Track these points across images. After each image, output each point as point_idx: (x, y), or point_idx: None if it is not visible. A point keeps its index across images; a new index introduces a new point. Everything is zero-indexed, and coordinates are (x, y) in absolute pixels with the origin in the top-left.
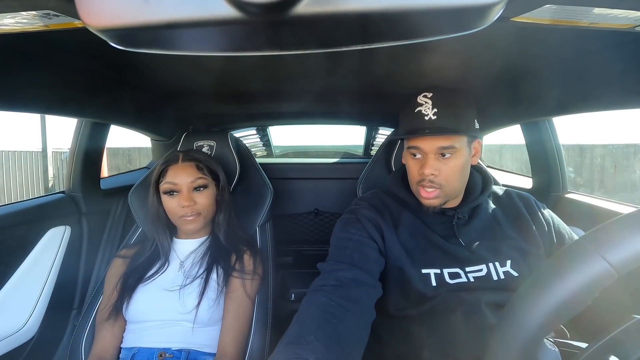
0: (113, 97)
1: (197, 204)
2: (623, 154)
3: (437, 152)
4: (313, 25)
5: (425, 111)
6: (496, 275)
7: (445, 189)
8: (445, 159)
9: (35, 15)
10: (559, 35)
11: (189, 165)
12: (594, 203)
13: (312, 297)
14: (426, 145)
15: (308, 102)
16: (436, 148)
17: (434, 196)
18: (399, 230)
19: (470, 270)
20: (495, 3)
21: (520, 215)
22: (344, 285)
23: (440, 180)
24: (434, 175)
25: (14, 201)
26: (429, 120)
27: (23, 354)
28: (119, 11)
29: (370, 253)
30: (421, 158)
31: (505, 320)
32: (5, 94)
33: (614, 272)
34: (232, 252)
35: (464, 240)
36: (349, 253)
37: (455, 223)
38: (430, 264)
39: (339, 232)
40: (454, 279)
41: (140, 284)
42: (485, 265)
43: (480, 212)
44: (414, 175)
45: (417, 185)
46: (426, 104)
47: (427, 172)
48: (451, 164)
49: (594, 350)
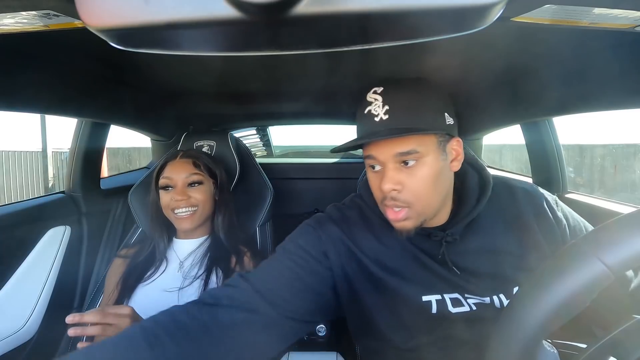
0: (113, 97)
1: (191, 198)
2: (623, 154)
3: (397, 161)
4: (313, 25)
5: (375, 110)
6: (500, 305)
7: (416, 207)
8: (409, 168)
9: (35, 15)
10: (559, 35)
11: (186, 162)
12: (594, 203)
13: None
14: (380, 153)
15: (308, 102)
16: (393, 155)
17: (403, 217)
18: (383, 251)
19: (470, 296)
20: (495, 3)
21: (525, 221)
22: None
23: (405, 196)
24: (396, 190)
25: (14, 201)
26: (380, 121)
27: (23, 354)
28: (119, 11)
29: (307, 280)
30: (380, 170)
31: (504, 323)
32: (5, 94)
33: (611, 273)
34: (232, 253)
35: (459, 266)
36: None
37: (444, 249)
38: (429, 290)
39: (290, 239)
40: (456, 306)
41: (139, 284)
42: (488, 298)
43: (478, 228)
44: (375, 192)
45: (382, 205)
46: (376, 101)
47: (385, 188)
48: (418, 174)
49: (593, 351)
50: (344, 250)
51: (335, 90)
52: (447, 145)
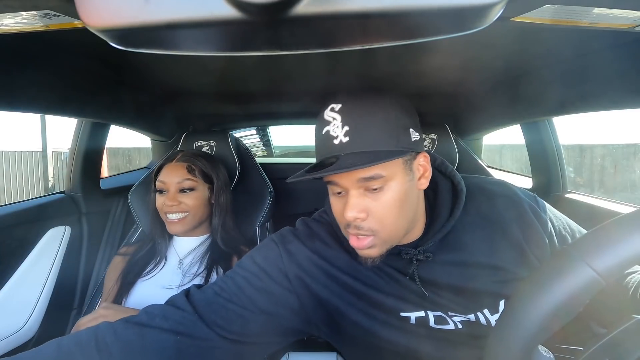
0: (113, 97)
1: (182, 204)
2: (623, 154)
3: (360, 187)
4: (313, 25)
5: (333, 132)
6: (486, 322)
7: (381, 235)
8: (374, 193)
9: (35, 15)
10: (559, 35)
11: (180, 166)
12: (594, 203)
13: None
14: (342, 180)
15: (308, 102)
16: (355, 181)
17: (367, 245)
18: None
19: (453, 314)
20: (495, 3)
21: (506, 230)
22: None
23: (370, 224)
24: (361, 219)
25: (14, 201)
26: (340, 144)
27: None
28: (119, 11)
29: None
30: (344, 195)
31: (498, 331)
32: (5, 94)
33: (601, 280)
34: (233, 254)
35: (436, 284)
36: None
37: (415, 267)
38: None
39: (249, 255)
40: (440, 324)
41: (139, 279)
42: (473, 315)
43: (455, 241)
44: (339, 218)
45: (345, 231)
46: (334, 120)
47: (349, 216)
48: (383, 200)
49: (592, 352)
50: (312, 269)
51: (335, 90)
52: (414, 163)
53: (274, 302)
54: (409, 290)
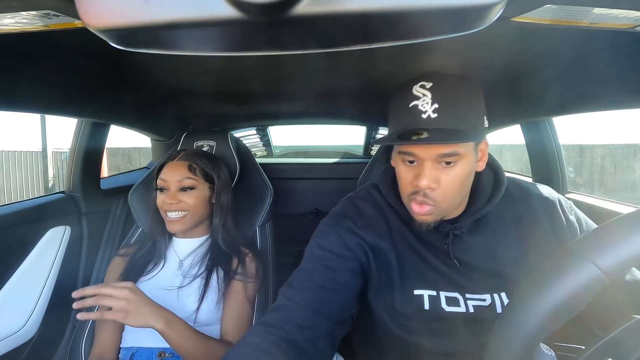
0: (113, 97)
1: (181, 203)
2: (623, 154)
3: (438, 160)
4: (313, 25)
5: (422, 106)
6: (501, 307)
7: (441, 205)
8: (447, 168)
9: (35, 15)
10: (559, 35)
11: (182, 165)
12: (594, 203)
13: (251, 334)
14: (423, 152)
15: (308, 102)
16: (436, 155)
17: (427, 212)
18: (392, 241)
19: (470, 297)
20: (495, 3)
21: (537, 224)
22: (292, 331)
23: (437, 195)
24: (432, 188)
25: (14, 201)
26: (428, 119)
27: (23, 354)
28: (119, 11)
29: (340, 279)
30: (416, 165)
31: (500, 327)
32: (5, 94)
33: (605, 277)
34: (233, 255)
35: (462, 262)
36: (312, 288)
37: (451, 241)
38: (424, 284)
39: (313, 243)
40: (451, 306)
41: (140, 278)
42: (489, 295)
43: (486, 225)
44: (405, 186)
45: (409, 197)
46: (424, 97)
47: (422, 185)
48: (453, 174)
49: (593, 351)
50: (360, 242)
51: (335, 90)
52: (478, 146)
53: (351, 276)
54: (430, 268)
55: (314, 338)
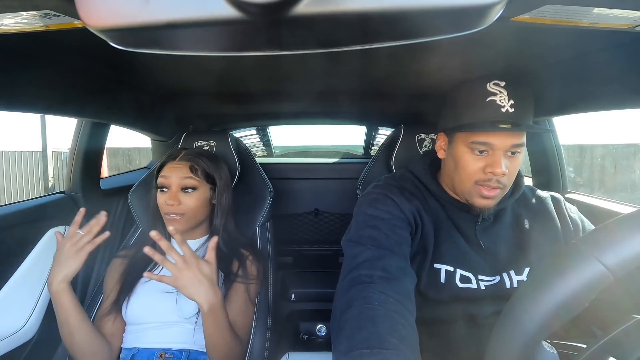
0: (113, 97)
1: (182, 205)
2: (623, 154)
3: (509, 150)
4: (313, 25)
5: (500, 102)
6: (509, 283)
7: (505, 190)
8: (512, 157)
9: (35, 15)
10: (559, 35)
11: (183, 165)
12: (594, 203)
13: (364, 291)
14: (501, 142)
15: (308, 102)
16: (510, 145)
17: (495, 195)
18: (430, 215)
19: (482, 278)
20: (495, 3)
21: (549, 218)
22: (394, 279)
23: (505, 180)
24: (504, 174)
25: (14, 201)
26: (507, 113)
27: (23, 354)
28: (119, 11)
29: (404, 235)
30: (486, 155)
31: (504, 323)
32: (5, 94)
33: (610, 274)
34: (233, 256)
35: (485, 244)
36: (385, 235)
37: (480, 224)
38: (444, 259)
39: (367, 208)
40: (464, 283)
41: (138, 283)
42: (499, 276)
43: (505, 216)
44: (472, 173)
45: (476, 184)
46: (500, 93)
47: (499, 172)
48: (516, 163)
49: (593, 351)
50: (411, 209)
51: (335, 90)
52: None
53: (411, 232)
54: (454, 246)
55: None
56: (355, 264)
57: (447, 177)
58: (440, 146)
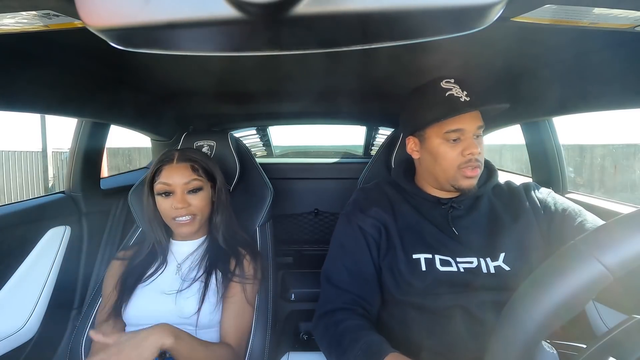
0: (113, 97)
1: (191, 206)
2: (623, 154)
3: (475, 133)
4: (313, 25)
5: (457, 94)
6: (486, 269)
7: (481, 168)
8: (479, 140)
9: (35, 15)
10: (559, 35)
11: (184, 166)
12: (594, 203)
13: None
14: (469, 125)
15: (308, 102)
16: (476, 127)
17: (476, 175)
18: (396, 217)
19: (461, 260)
20: (495, 3)
21: (521, 205)
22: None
23: (481, 158)
24: (480, 152)
25: (14, 201)
26: (464, 101)
27: (23, 354)
28: (119, 11)
29: (365, 259)
30: (459, 141)
31: (503, 323)
32: (5, 94)
33: (609, 274)
34: (231, 255)
35: (457, 231)
36: (348, 272)
37: (450, 213)
38: (421, 249)
39: (340, 236)
40: (445, 266)
41: (139, 284)
42: (476, 259)
43: (480, 205)
44: (453, 161)
45: (459, 168)
46: (454, 88)
47: (476, 151)
48: (482, 144)
49: (593, 351)
50: (373, 222)
51: (335, 91)
52: None
53: (370, 254)
54: (428, 236)
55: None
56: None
57: (426, 174)
58: (412, 149)
